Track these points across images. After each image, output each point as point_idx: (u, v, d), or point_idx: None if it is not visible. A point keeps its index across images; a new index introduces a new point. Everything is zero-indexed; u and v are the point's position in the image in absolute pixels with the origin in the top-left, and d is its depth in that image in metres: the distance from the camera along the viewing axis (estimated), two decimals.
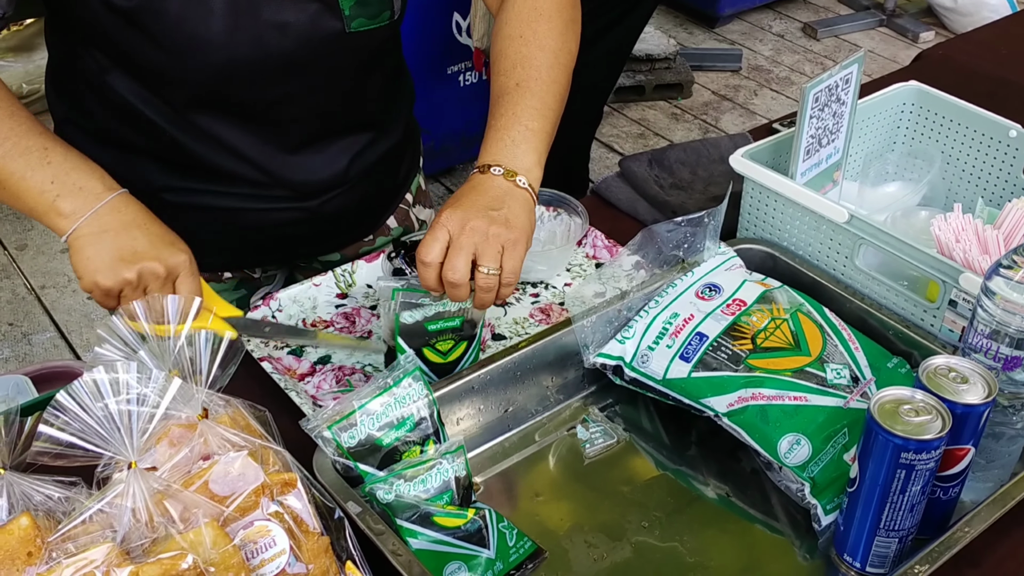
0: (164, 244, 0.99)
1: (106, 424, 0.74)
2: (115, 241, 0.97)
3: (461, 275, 0.98)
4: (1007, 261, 0.92)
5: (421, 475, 0.92)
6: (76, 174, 0.98)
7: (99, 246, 0.97)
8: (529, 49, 1.10)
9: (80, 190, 0.98)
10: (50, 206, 0.97)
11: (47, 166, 0.97)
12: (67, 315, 2.78)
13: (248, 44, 1.05)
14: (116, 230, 0.97)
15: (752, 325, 1.09)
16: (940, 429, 0.86)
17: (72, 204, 0.97)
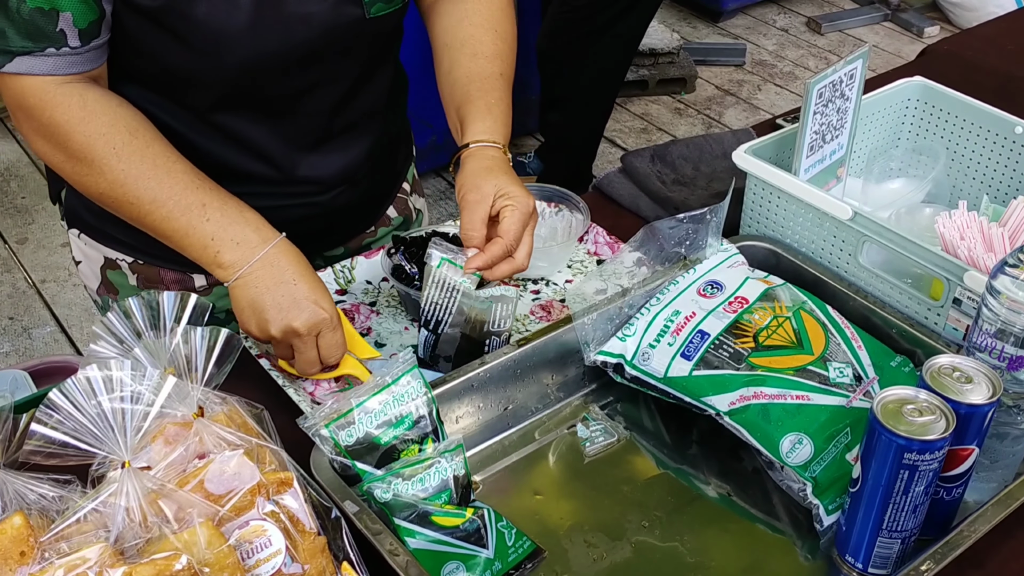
0: (308, 303, 1.03)
1: (99, 423, 0.74)
2: (264, 299, 1.03)
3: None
4: (1013, 259, 0.91)
5: (419, 474, 0.91)
6: (233, 228, 1.04)
7: (251, 301, 1.04)
8: (507, 45, 1.21)
9: (237, 245, 1.04)
10: (212, 260, 1.04)
11: (206, 223, 1.03)
12: (67, 309, 2.77)
13: (274, 37, 1.05)
14: (267, 287, 1.03)
15: (754, 323, 1.08)
16: (944, 429, 0.85)
17: (231, 257, 1.04)
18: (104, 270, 1.25)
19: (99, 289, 1.27)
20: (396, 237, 1.22)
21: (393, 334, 1.19)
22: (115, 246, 1.23)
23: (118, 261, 1.23)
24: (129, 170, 1.02)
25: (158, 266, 1.23)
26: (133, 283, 1.24)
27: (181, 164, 1.05)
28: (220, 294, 1.25)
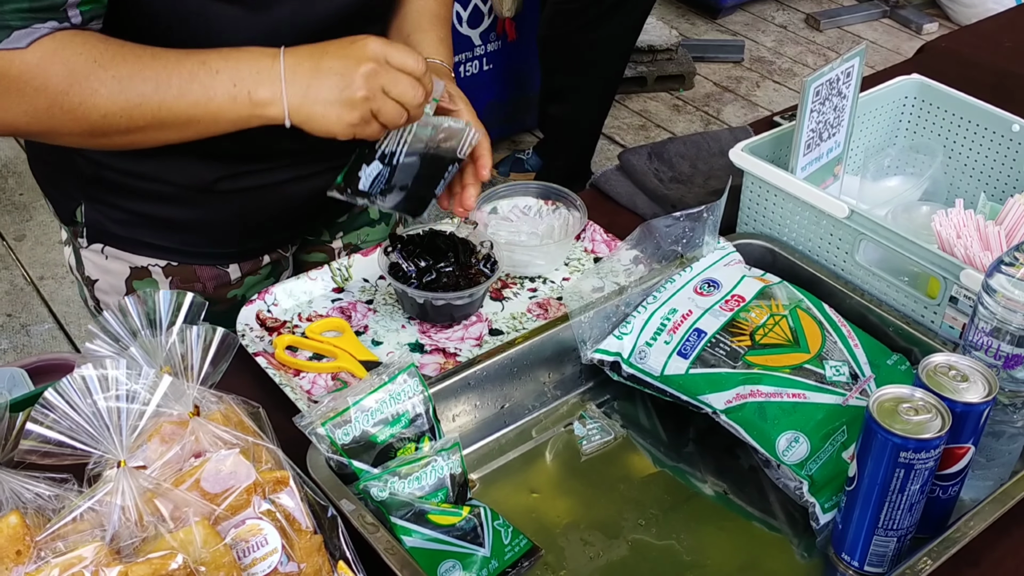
0: (353, 49, 0.98)
1: (95, 422, 0.74)
2: (322, 87, 0.97)
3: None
4: (1009, 258, 0.91)
5: (416, 472, 0.91)
6: (243, 65, 0.97)
7: (318, 103, 0.97)
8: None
9: (259, 74, 0.97)
10: (250, 103, 0.97)
11: (218, 76, 0.96)
12: (65, 306, 2.77)
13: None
14: (312, 78, 0.97)
15: (751, 321, 1.08)
16: (940, 428, 0.85)
17: (264, 90, 0.97)
18: (130, 281, 1.22)
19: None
20: (393, 235, 1.22)
21: (390, 332, 1.19)
22: (147, 252, 1.20)
23: (149, 268, 1.21)
24: (119, 72, 0.94)
25: (193, 264, 1.21)
26: (165, 288, 1.21)
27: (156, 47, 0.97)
28: (251, 284, 1.26)
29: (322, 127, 0.99)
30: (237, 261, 1.23)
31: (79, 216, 1.18)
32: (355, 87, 0.97)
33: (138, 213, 1.16)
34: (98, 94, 0.94)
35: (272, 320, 1.19)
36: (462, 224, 1.26)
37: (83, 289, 1.28)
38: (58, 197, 1.20)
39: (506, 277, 1.27)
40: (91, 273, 1.24)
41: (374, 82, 0.97)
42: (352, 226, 1.38)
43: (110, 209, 1.16)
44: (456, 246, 1.21)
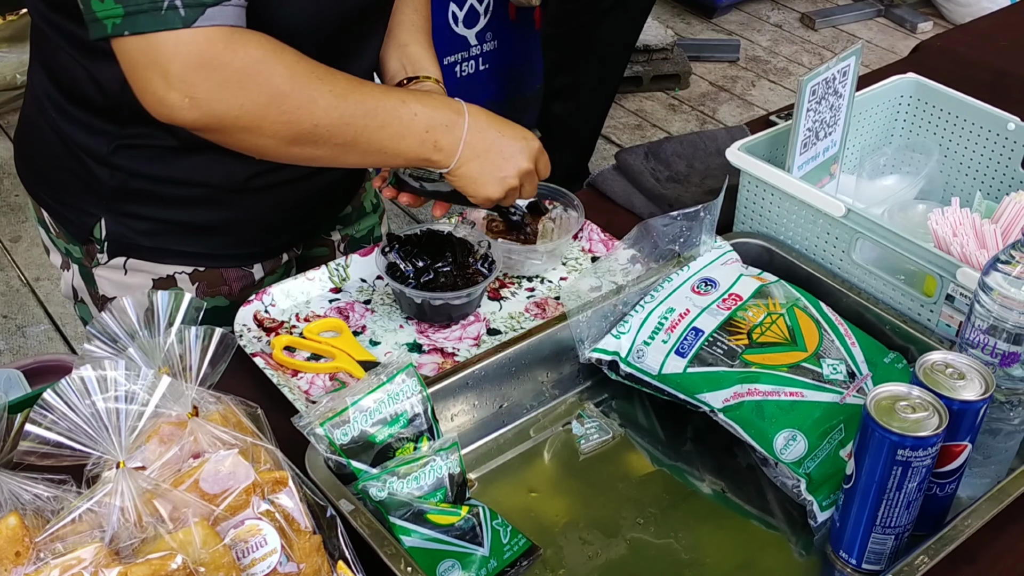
0: (521, 142, 1.12)
1: (94, 423, 0.74)
2: (489, 162, 1.09)
3: None
4: (1005, 256, 0.91)
5: (415, 472, 0.91)
6: (436, 114, 1.05)
7: (480, 173, 1.09)
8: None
9: (447, 128, 1.06)
10: (431, 149, 1.06)
11: (415, 119, 1.04)
12: (61, 307, 2.76)
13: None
14: (486, 152, 1.08)
15: (748, 320, 1.09)
16: (937, 426, 0.86)
17: (447, 141, 1.06)
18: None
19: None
20: (390, 235, 1.22)
21: (388, 332, 1.19)
22: (173, 260, 1.19)
23: (175, 276, 1.20)
24: (335, 88, 0.98)
25: (220, 267, 1.21)
26: (192, 296, 1.17)
27: (363, 81, 1.03)
28: (270, 283, 1.25)
29: (471, 190, 1.11)
30: (261, 260, 1.24)
31: (98, 232, 1.16)
32: (512, 176, 1.11)
33: (166, 220, 1.16)
34: (316, 103, 0.97)
35: (270, 320, 1.19)
36: (460, 224, 1.26)
37: (91, 311, 1.25)
38: (74, 216, 1.17)
39: (504, 277, 1.27)
40: (106, 292, 1.21)
41: (525, 178, 1.13)
42: (349, 219, 1.39)
43: (135, 220, 1.15)
44: (454, 246, 1.21)
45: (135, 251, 1.17)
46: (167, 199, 1.14)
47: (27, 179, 1.22)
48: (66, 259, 1.23)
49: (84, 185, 1.14)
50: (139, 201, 1.14)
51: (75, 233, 1.18)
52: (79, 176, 1.14)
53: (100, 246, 1.17)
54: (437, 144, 1.05)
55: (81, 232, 1.17)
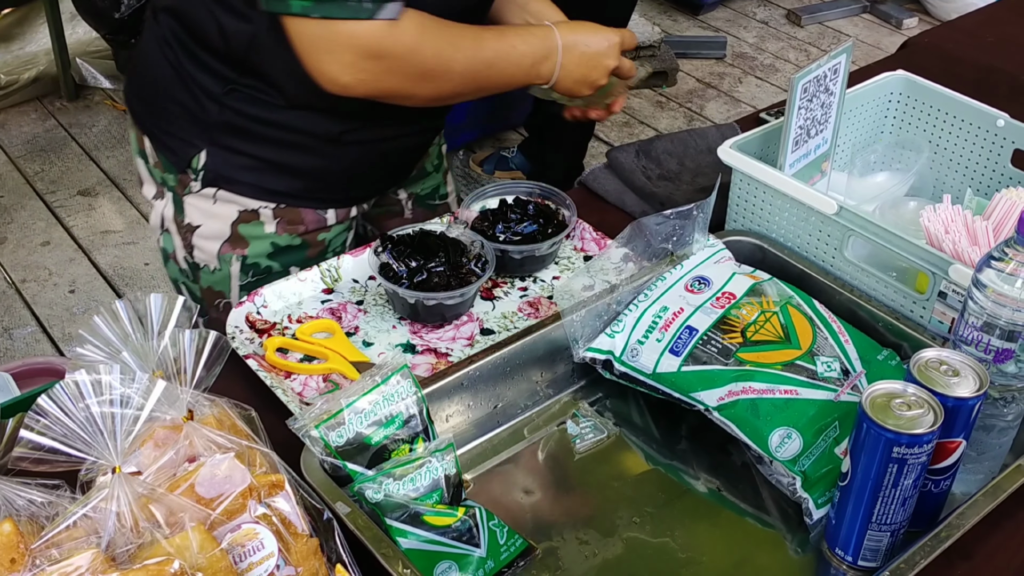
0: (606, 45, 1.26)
1: (88, 427, 0.73)
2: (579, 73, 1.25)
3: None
4: (998, 253, 0.91)
5: (410, 474, 0.91)
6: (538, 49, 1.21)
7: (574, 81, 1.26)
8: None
9: (545, 58, 1.22)
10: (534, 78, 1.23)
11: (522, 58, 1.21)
12: (48, 309, 2.75)
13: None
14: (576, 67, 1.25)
15: (742, 318, 1.09)
16: (932, 423, 0.86)
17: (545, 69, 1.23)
18: (236, 225, 1.28)
19: (222, 248, 1.29)
20: (384, 235, 1.22)
21: (381, 332, 1.18)
22: (261, 195, 1.27)
23: (259, 210, 1.28)
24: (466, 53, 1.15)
25: (300, 207, 1.29)
26: (271, 229, 1.28)
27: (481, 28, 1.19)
28: (336, 232, 1.33)
29: (568, 92, 1.28)
30: (336, 207, 1.32)
31: (196, 163, 1.24)
32: (601, 77, 1.27)
33: (262, 159, 1.24)
34: (453, 71, 1.15)
35: (262, 322, 1.18)
36: (452, 224, 1.26)
37: (173, 241, 1.32)
38: (176, 145, 1.26)
39: (497, 276, 1.27)
40: (193, 219, 1.29)
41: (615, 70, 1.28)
42: (413, 179, 1.46)
43: (234, 155, 1.24)
44: (447, 246, 1.21)
45: (227, 183, 1.26)
46: (266, 140, 1.23)
47: (136, 110, 1.32)
48: (160, 188, 1.30)
49: (192, 117, 1.23)
50: (241, 138, 1.23)
51: (174, 162, 1.26)
52: (189, 109, 1.23)
53: (195, 175, 1.25)
54: (539, 73, 1.23)
55: (180, 162, 1.26)
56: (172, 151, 1.26)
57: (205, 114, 1.22)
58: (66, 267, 2.91)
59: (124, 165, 3.35)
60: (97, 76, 3.68)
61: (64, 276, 2.88)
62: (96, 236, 3.04)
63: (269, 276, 1.29)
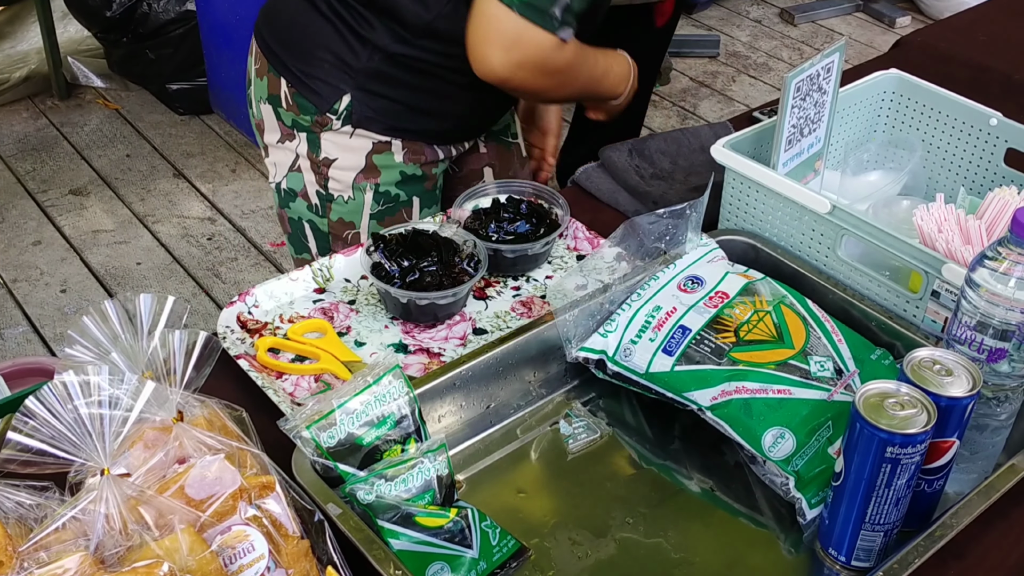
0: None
1: (77, 429, 0.72)
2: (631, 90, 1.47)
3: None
4: (991, 252, 0.91)
5: (402, 474, 0.91)
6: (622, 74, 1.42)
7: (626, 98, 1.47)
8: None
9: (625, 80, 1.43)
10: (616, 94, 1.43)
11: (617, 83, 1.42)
12: (40, 309, 2.74)
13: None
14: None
15: (735, 318, 1.08)
16: (925, 423, 0.86)
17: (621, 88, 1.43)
18: (371, 156, 1.39)
19: (357, 178, 1.40)
20: (375, 235, 1.22)
21: (373, 332, 1.18)
22: (393, 133, 1.39)
23: (390, 142, 1.39)
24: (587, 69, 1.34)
25: (423, 143, 1.42)
26: (399, 159, 1.40)
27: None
28: (442, 167, 1.47)
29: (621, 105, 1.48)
30: (450, 143, 1.46)
31: (339, 105, 1.35)
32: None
33: (401, 102, 1.36)
34: (578, 81, 1.33)
35: (253, 322, 1.18)
36: (445, 223, 1.26)
37: (304, 178, 1.43)
38: (321, 88, 1.36)
39: (489, 276, 1.27)
40: (329, 153, 1.39)
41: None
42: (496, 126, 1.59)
43: (377, 98, 1.36)
44: (439, 245, 1.21)
45: (367, 123, 1.37)
46: (408, 86, 1.35)
47: (277, 55, 1.40)
48: (290, 131, 1.41)
49: (342, 64, 1.34)
50: (386, 84, 1.34)
51: (317, 103, 1.37)
52: (340, 56, 1.34)
53: (338, 116, 1.36)
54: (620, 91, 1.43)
55: (324, 103, 1.36)
56: (316, 93, 1.36)
57: (357, 60, 1.33)
58: (57, 266, 2.90)
59: (116, 164, 3.34)
60: (89, 75, 3.66)
61: (55, 275, 2.87)
62: (87, 235, 3.03)
63: (396, 204, 1.42)
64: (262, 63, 1.43)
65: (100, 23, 3.32)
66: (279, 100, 1.41)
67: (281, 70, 1.40)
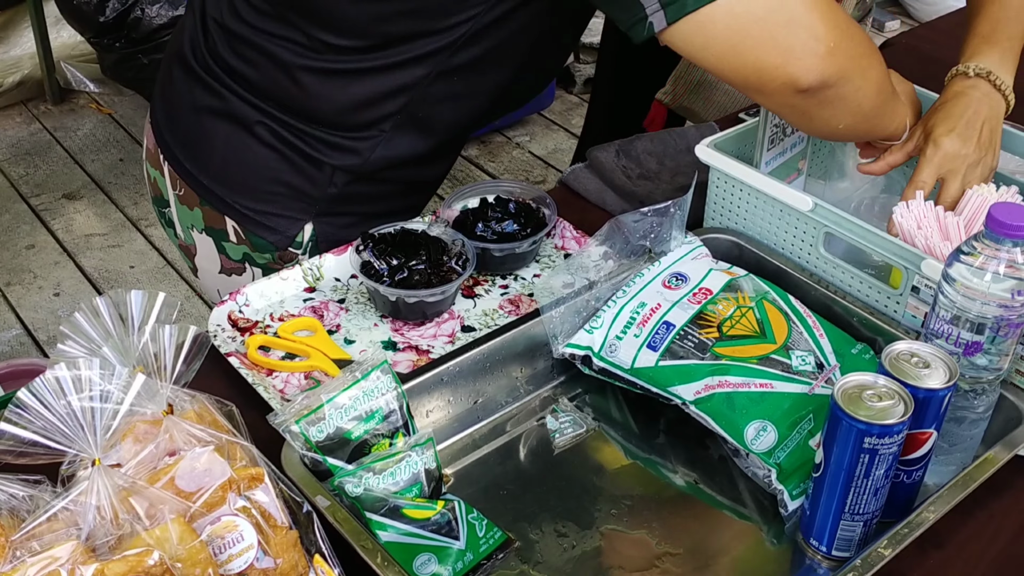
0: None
1: (69, 421, 0.74)
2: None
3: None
4: (967, 248, 0.93)
5: (390, 468, 0.92)
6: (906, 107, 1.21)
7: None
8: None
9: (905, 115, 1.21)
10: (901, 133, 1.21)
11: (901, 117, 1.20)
12: (33, 312, 2.75)
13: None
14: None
15: (718, 313, 1.10)
16: (903, 414, 0.87)
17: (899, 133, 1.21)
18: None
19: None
20: (365, 234, 1.23)
21: (363, 331, 1.19)
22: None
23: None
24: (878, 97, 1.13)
25: None
26: None
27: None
28: None
29: None
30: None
31: (301, 237, 1.26)
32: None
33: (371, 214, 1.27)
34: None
35: (244, 321, 1.19)
36: (433, 222, 1.27)
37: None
38: (280, 224, 1.25)
39: (478, 274, 1.28)
40: None
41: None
42: None
43: (343, 217, 1.26)
44: (428, 244, 1.22)
45: (333, 245, 1.26)
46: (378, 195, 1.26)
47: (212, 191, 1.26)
48: (239, 264, 1.30)
49: (297, 193, 1.23)
50: (352, 201, 1.25)
51: (275, 241, 1.26)
52: (294, 186, 1.23)
53: (302, 248, 1.26)
54: (902, 128, 1.21)
55: (284, 240, 1.26)
56: (272, 230, 1.25)
57: (316, 189, 1.22)
58: (51, 270, 2.91)
59: (109, 168, 3.35)
60: (82, 80, 3.68)
61: (49, 279, 2.88)
62: (81, 239, 3.04)
63: None
64: (187, 192, 1.27)
65: (93, 28, 3.33)
66: (224, 235, 1.27)
67: (222, 208, 1.26)
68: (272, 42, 1.16)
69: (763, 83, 1.00)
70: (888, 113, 1.15)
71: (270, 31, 1.16)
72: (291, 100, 1.18)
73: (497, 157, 3.55)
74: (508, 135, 3.65)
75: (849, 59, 1.01)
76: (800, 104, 1.03)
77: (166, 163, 1.30)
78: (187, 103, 1.25)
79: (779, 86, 1.00)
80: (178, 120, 1.28)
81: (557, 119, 3.75)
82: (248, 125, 1.21)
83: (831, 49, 0.98)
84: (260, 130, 1.20)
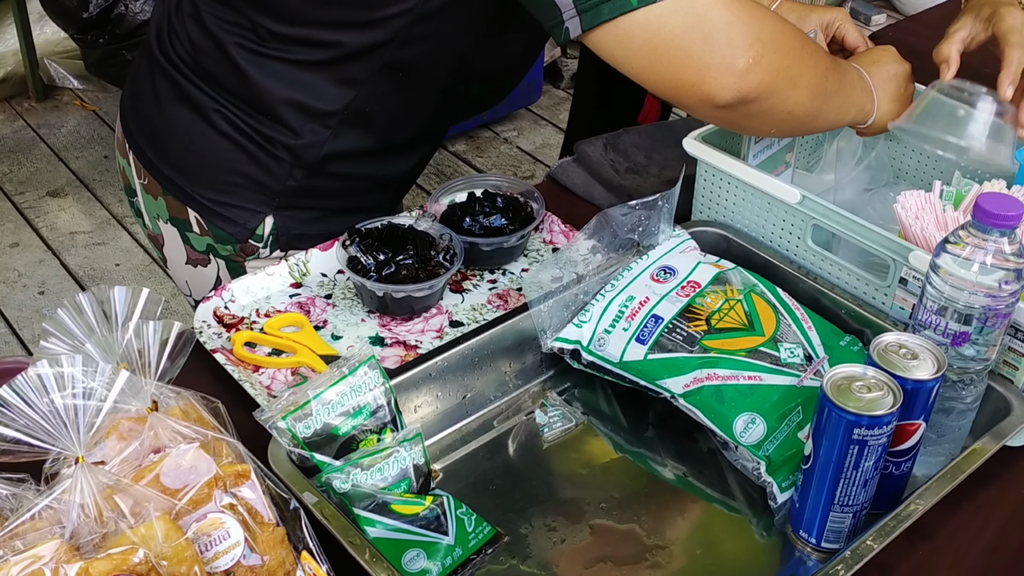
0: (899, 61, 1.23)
1: (52, 419, 0.73)
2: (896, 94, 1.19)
3: None
4: (953, 238, 0.93)
5: (378, 464, 0.92)
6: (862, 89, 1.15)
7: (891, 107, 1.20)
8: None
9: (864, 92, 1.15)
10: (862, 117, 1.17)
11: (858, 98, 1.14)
12: (18, 311, 2.73)
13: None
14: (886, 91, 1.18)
15: (706, 306, 1.10)
16: (891, 405, 0.87)
17: (869, 106, 1.16)
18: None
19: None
20: (352, 228, 1.22)
21: (350, 326, 1.18)
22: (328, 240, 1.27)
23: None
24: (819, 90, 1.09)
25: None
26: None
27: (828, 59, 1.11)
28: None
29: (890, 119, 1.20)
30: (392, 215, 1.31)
31: (262, 230, 1.24)
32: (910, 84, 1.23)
33: (333, 209, 1.26)
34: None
35: (230, 316, 1.18)
36: (421, 217, 1.27)
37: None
38: (240, 216, 1.24)
39: (465, 269, 1.28)
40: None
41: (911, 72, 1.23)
42: None
43: (304, 211, 1.24)
44: (415, 238, 1.21)
45: (297, 242, 1.25)
46: (341, 191, 1.25)
47: (174, 180, 1.25)
48: (204, 255, 1.29)
49: (257, 185, 1.21)
50: (313, 196, 1.23)
51: (235, 233, 1.24)
52: (253, 178, 1.21)
53: (263, 242, 1.25)
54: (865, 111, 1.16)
55: (242, 232, 1.24)
56: (232, 222, 1.24)
57: (276, 182, 1.21)
58: (35, 268, 2.89)
59: (93, 165, 3.33)
60: (66, 76, 3.65)
61: (34, 277, 2.86)
62: (65, 237, 3.02)
63: None
64: (150, 181, 1.27)
65: (76, 24, 3.31)
66: (188, 225, 1.26)
67: (184, 199, 1.25)
68: (222, 28, 1.15)
69: (681, 99, 0.99)
70: (833, 110, 1.11)
71: (222, 17, 1.16)
72: (240, 89, 1.17)
73: (485, 152, 3.54)
74: (496, 130, 3.65)
75: (773, 72, 0.97)
76: (723, 117, 1.02)
77: (131, 152, 1.29)
78: (149, 92, 1.25)
79: (696, 102, 0.98)
80: (141, 109, 1.28)
81: (545, 114, 3.74)
82: (205, 113, 1.20)
83: (750, 65, 0.95)
84: (217, 119, 1.19)
